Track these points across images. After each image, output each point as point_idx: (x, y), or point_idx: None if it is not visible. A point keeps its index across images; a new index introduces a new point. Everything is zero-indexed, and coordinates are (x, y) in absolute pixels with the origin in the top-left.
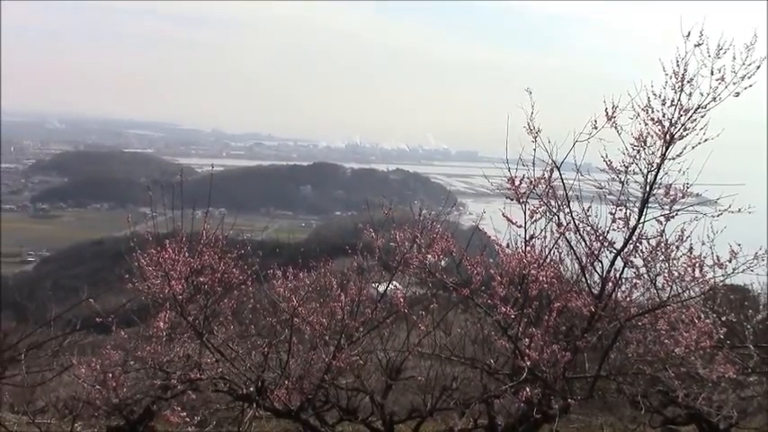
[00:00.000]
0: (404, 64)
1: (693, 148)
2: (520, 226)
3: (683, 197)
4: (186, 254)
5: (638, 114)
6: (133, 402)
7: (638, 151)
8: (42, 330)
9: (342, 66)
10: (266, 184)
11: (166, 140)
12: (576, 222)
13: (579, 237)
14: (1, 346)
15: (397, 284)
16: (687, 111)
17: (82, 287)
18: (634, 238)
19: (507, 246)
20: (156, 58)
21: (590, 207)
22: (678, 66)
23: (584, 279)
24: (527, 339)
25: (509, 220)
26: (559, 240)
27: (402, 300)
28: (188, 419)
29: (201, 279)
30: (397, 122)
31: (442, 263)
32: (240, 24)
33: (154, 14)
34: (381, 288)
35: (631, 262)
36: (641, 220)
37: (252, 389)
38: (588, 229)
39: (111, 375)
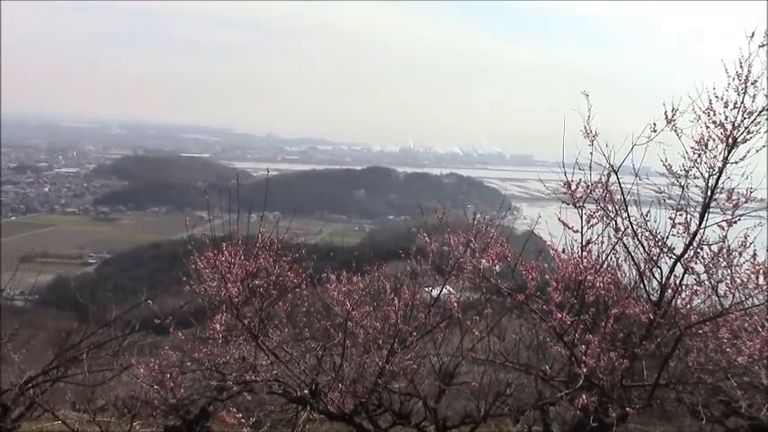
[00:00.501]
0: (458, 67)
1: (757, 151)
2: (576, 231)
3: (745, 202)
4: (242, 257)
5: (699, 117)
6: (190, 403)
7: (699, 155)
8: (103, 331)
9: (396, 70)
10: (320, 187)
11: (222, 145)
12: (635, 227)
13: (637, 242)
14: (63, 346)
15: (451, 289)
16: (751, 113)
17: (141, 289)
18: (695, 244)
19: (563, 251)
20: (212, 64)
21: (649, 212)
22: (741, 67)
23: (642, 285)
24: (583, 346)
25: (565, 224)
26: (617, 246)
27: (456, 304)
28: (243, 420)
29: (257, 282)
30: (451, 126)
31: (497, 268)
32: (296, 30)
33: (206, 20)
34: (435, 292)
35: (692, 268)
36: (702, 226)
37: (306, 391)
38: (647, 234)
39: (168, 376)
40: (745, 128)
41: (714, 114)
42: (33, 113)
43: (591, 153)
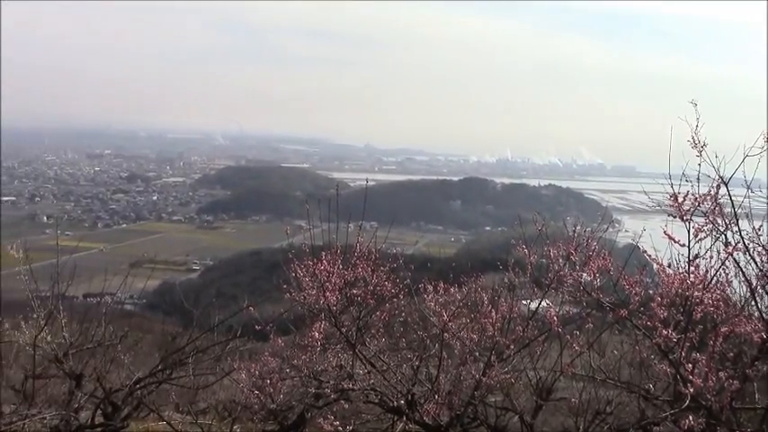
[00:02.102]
0: (558, 76)
1: None
2: (683, 245)
3: None
4: (340, 266)
5: None
6: (287, 409)
7: None
8: (206, 335)
9: (494, 80)
10: (416, 198)
11: (321, 155)
12: (746, 242)
13: (749, 257)
14: (169, 349)
15: (549, 302)
16: None
17: (241, 295)
18: None
19: (669, 265)
20: (311, 76)
21: (761, 226)
22: None
23: (754, 303)
24: (690, 365)
25: (671, 238)
26: (727, 261)
27: (555, 318)
28: (340, 429)
29: (355, 291)
30: (550, 136)
31: (597, 281)
32: (393, 40)
33: (305, 33)
34: (533, 305)
35: None
36: None
37: (402, 402)
38: (759, 249)
39: (268, 381)
40: None
41: None
42: (142, 125)
43: (699, 164)
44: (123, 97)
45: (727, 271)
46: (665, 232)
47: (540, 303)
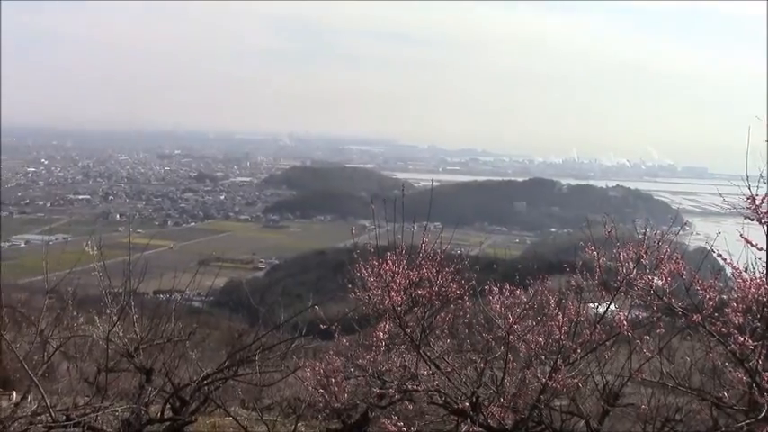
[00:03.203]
0: (627, 77)
1: None
2: (761, 249)
3: None
4: (405, 266)
5: None
6: (351, 407)
7: None
8: (272, 333)
9: (558, 79)
10: (481, 199)
11: (385, 156)
12: None
13: None
14: (236, 346)
15: (617, 306)
16: None
17: (306, 294)
18: None
19: (745, 270)
20: (377, 78)
21: None
22: None
23: None
24: (767, 373)
25: (748, 241)
26: None
27: (625, 322)
28: (404, 430)
29: (420, 292)
30: (618, 137)
31: (669, 285)
32: (456, 42)
33: (375, 35)
34: (601, 309)
35: None
36: None
37: (466, 404)
38: None
39: (332, 380)
40: None
41: None
42: (211, 126)
43: None
44: (193, 99)
45: None
46: (741, 235)
47: (608, 307)
